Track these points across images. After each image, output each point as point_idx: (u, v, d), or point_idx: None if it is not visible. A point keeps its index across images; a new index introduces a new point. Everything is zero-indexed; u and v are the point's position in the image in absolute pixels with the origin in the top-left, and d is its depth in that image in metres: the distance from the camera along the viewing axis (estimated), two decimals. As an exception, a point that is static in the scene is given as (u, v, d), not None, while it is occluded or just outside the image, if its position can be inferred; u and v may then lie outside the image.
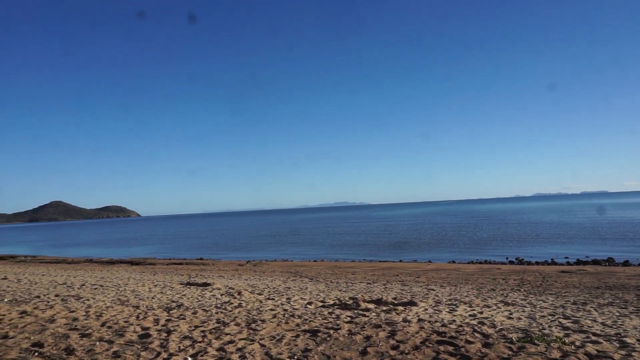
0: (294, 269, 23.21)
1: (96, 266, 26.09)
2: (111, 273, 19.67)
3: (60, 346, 5.35)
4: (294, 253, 36.83)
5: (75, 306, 8.48)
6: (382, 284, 15.43)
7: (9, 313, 7.59)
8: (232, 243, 52.13)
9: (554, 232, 44.80)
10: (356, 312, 7.89)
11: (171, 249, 46.65)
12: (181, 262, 28.76)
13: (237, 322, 6.76)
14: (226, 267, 25.16)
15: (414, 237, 47.26)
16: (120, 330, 6.25)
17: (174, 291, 11.66)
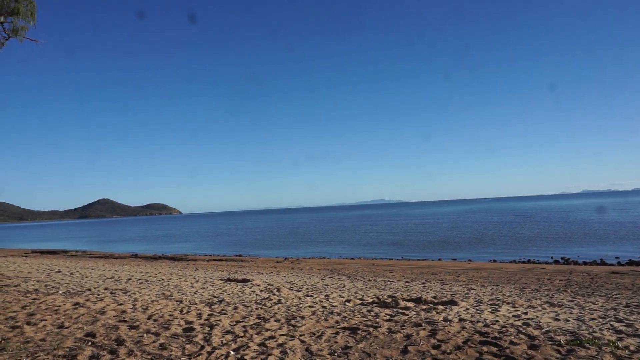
0: (331, 266, 23.28)
1: (141, 261, 27.11)
2: (155, 268, 20.38)
3: (111, 337, 5.60)
4: (331, 251, 36.92)
5: (123, 299, 8.84)
6: (421, 283, 15.23)
7: (63, 304, 8.01)
8: (270, 240, 52.83)
9: (603, 230, 42.77)
10: (395, 310, 7.83)
11: (211, 246, 47.79)
12: (221, 259, 29.42)
13: (277, 318, 6.85)
14: (264, 264, 25.54)
15: (453, 235, 46.33)
16: (166, 323, 6.47)
17: (214, 287, 11.95)
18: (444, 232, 50.61)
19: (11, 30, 13.41)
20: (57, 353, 4.89)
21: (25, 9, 13.25)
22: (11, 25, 13.34)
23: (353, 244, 42.63)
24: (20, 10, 13.18)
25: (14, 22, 13.32)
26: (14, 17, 13.26)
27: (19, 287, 10.95)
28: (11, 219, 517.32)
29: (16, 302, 8.27)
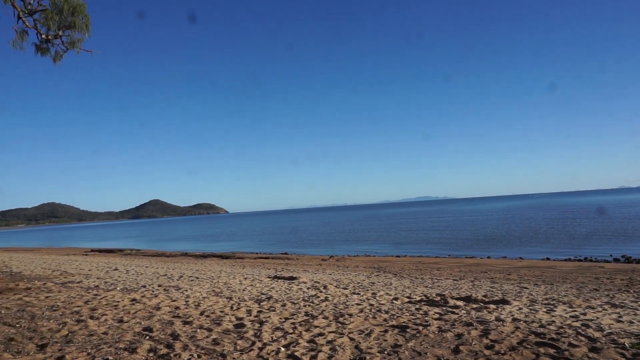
0: (376, 264, 23.14)
1: (191, 259, 28.05)
2: (204, 266, 21.02)
3: (167, 331, 5.84)
4: (376, 248, 36.68)
5: (176, 296, 9.19)
6: (470, 281, 14.84)
7: (122, 300, 8.44)
8: (315, 238, 53.16)
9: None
10: (444, 309, 7.67)
11: (257, 244, 48.71)
12: (267, 257, 29.92)
13: (325, 316, 6.90)
14: (310, 261, 25.74)
15: (503, 232, 44.81)
16: (217, 319, 6.66)
17: (262, 284, 12.18)
18: (493, 229, 49.04)
19: (69, 42, 14.22)
20: (118, 346, 5.15)
21: (81, 22, 13.99)
22: (69, 38, 14.15)
23: (398, 242, 42.15)
24: (76, 23, 13.95)
25: (71, 35, 14.11)
26: (71, 31, 14.05)
27: (81, 283, 11.62)
28: (72, 219, 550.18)
29: (79, 298, 8.79)
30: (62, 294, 9.41)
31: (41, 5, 13.53)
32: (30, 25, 13.70)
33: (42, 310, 7.34)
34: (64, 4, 13.64)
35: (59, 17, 13.72)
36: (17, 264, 19.45)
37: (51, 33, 13.93)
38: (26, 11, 13.47)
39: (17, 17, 13.45)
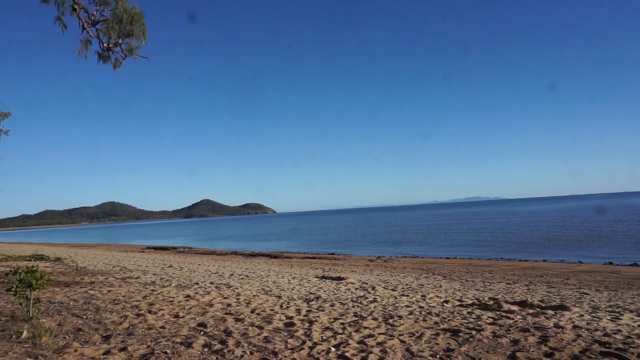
0: (425, 265, 22.72)
1: (240, 258, 28.74)
2: (253, 265, 21.47)
3: (220, 328, 6.02)
4: (424, 250, 36.01)
5: (228, 293, 9.44)
6: (524, 285, 14.26)
7: (177, 296, 8.78)
8: (362, 239, 52.94)
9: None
10: (498, 313, 7.41)
11: (304, 244, 49.14)
12: (314, 257, 30.12)
13: (374, 317, 6.85)
14: (357, 262, 25.66)
15: (560, 234, 42.66)
16: (268, 317, 6.79)
17: (310, 284, 12.28)
18: (549, 231, 46.80)
19: (127, 50, 14.99)
20: (175, 340, 5.37)
21: (138, 30, 14.70)
22: (127, 45, 14.91)
23: (447, 243, 41.16)
24: (134, 31, 14.66)
25: (129, 42, 14.86)
26: (129, 38, 14.80)
27: (139, 279, 12.20)
28: (129, 218, 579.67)
29: (138, 293, 9.23)
30: (122, 288, 9.93)
31: (103, 16, 14.34)
32: (94, 35, 14.54)
33: (105, 304, 7.77)
34: (123, 14, 14.38)
35: (118, 26, 14.49)
36: (81, 259, 20.72)
37: (112, 41, 14.73)
38: (90, 22, 14.31)
39: (82, 28, 14.33)
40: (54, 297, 8.42)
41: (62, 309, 7.22)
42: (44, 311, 6.84)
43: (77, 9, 14.10)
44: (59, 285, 10.22)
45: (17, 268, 6.01)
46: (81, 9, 14.15)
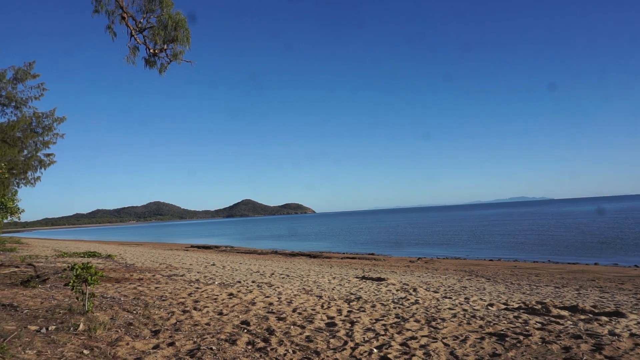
0: (468, 267, 22.17)
1: (280, 257, 29.08)
2: (293, 264, 21.67)
3: (263, 326, 6.12)
4: (467, 251, 35.14)
5: (269, 292, 9.59)
6: (574, 289, 13.64)
7: (220, 294, 9.00)
8: (402, 239, 52.31)
9: None
10: (547, 318, 7.13)
11: (344, 244, 49.10)
12: (354, 257, 30.04)
13: (417, 319, 6.76)
14: (397, 263, 25.38)
15: (614, 236, 40.49)
16: (309, 317, 6.84)
17: (351, 284, 12.26)
18: (601, 233, 44.53)
19: (172, 55, 15.51)
20: (220, 337, 5.51)
21: (182, 35, 15.18)
22: (172, 50, 15.43)
23: (491, 245, 39.97)
24: (178, 37, 15.15)
25: (174, 48, 15.37)
26: (174, 44, 15.30)
27: (184, 276, 12.59)
28: (174, 217, 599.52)
29: (184, 290, 9.53)
30: (168, 285, 10.28)
31: (149, 23, 14.90)
32: (141, 42, 15.13)
33: (153, 300, 8.08)
34: (168, 20, 14.88)
35: (164, 33, 15.02)
36: (130, 256, 21.61)
37: (157, 47, 15.29)
38: (137, 29, 14.91)
39: (130, 35, 14.95)
40: (106, 292, 8.83)
41: (114, 303, 7.56)
42: (98, 305, 7.19)
43: (126, 18, 14.72)
44: (110, 281, 10.71)
45: (74, 264, 6.36)
46: (129, 17, 14.77)
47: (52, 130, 27.77)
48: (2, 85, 24.49)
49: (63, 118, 28.35)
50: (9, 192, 24.45)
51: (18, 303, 6.81)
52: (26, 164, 27.66)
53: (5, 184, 24.74)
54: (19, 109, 25.49)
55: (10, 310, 6.28)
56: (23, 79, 25.26)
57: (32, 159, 27.98)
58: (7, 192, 23.66)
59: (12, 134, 24.71)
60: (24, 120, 25.63)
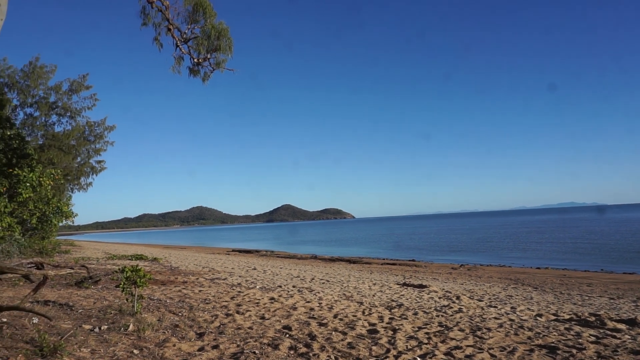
0: (513, 275, 21.39)
1: (320, 263, 29.12)
2: (333, 270, 21.65)
3: (304, 331, 6.14)
4: (512, 258, 33.93)
5: (310, 297, 9.62)
6: (632, 301, 12.86)
7: (262, 298, 9.11)
8: (444, 245, 51.18)
9: None
10: (602, 331, 6.76)
11: (383, 250, 48.60)
12: (394, 263, 29.66)
13: (461, 328, 6.59)
14: (439, 269, 24.85)
15: (673, 245, 37.92)
16: (351, 323, 6.80)
17: (392, 291, 12.11)
18: (660, 241, 41.81)
19: (215, 63, 15.95)
20: (262, 341, 5.57)
21: (225, 44, 15.60)
22: (215, 59, 15.88)
23: (538, 252, 38.41)
24: (221, 46, 15.58)
25: (217, 56, 15.80)
26: (217, 53, 15.74)
27: (226, 280, 12.85)
28: (216, 222, 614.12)
29: (226, 293, 9.72)
30: (211, 288, 10.52)
31: (193, 33, 15.41)
32: (185, 52, 15.66)
33: (197, 303, 8.28)
34: (211, 30, 15.33)
35: (207, 42, 15.49)
36: (174, 259, 22.29)
37: (201, 56, 15.77)
38: (182, 40, 15.45)
39: (175, 46, 15.50)
40: (153, 294, 9.14)
41: (161, 305, 7.81)
42: (146, 307, 7.45)
43: (172, 29, 15.28)
44: (156, 284, 11.08)
45: (124, 267, 6.62)
46: (175, 29, 15.32)
47: (103, 138, 29.15)
48: (59, 97, 25.98)
49: (113, 126, 29.67)
50: (64, 197, 25.82)
51: (73, 303, 7.16)
52: (79, 171, 29.14)
53: (61, 189, 26.14)
54: (73, 119, 26.94)
55: (66, 309, 6.61)
56: (77, 90, 26.71)
57: (84, 165, 29.47)
58: (63, 197, 25.00)
59: (67, 142, 26.15)
60: (78, 129, 27.07)
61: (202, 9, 15.22)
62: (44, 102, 25.47)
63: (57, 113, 26.30)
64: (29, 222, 20.21)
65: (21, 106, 25.37)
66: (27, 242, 17.59)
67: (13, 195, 19.22)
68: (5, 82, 24.57)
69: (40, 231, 20.97)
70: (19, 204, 19.41)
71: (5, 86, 24.40)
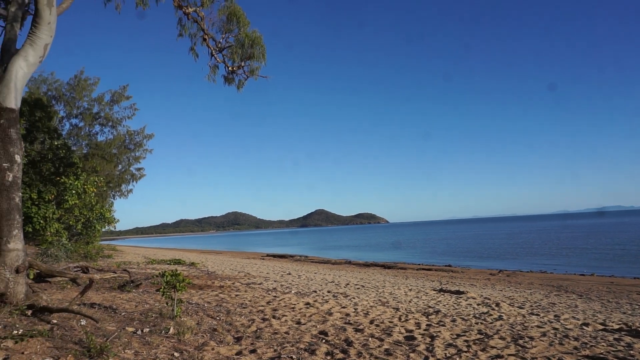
0: (555, 282, 20.59)
1: (354, 268, 28.97)
2: (368, 275, 21.49)
3: (341, 337, 6.12)
4: (553, 264, 32.68)
5: (345, 303, 9.58)
6: (687, 310, 12.12)
7: (297, 303, 9.15)
8: (482, 250, 49.91)
9: None
10: (654, 342, 6.41)
11: (419, 254, 47.87)
12: (430, 268, 29.16)
13: (502, 336, 6.39)
14: (476, 275, 24.24)
15: None
16: (387, 329, 6.73)
17: (428, 297, 11.90)
18: None
19: (249, 71, 16.24)
20: (299, 346, 5.59)
21: (258, 52, 15.86)
22: (249, 67, 16.16)
23: (582, 258, 36.85)
24: (255, 54, 15.85)
25: (251, 64, 16.08)
26: (251, 61, 16.02)
27: (261, 285, 12.98)
28: (250, 227, 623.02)
29: (262, 298, 9.82)
30: (248, 293, 10.65)
31: (228, 42, 15.75)
32: (220, 61, 16.03)
33: (234, 307, 8.41)
34: (245, 39, 15.63)
35: (241, 50, 15.79)
36: (211, 264, 22.72)
37: (235, 65, 16.10)
38: (217, 49, 15.82)
39: (210, 55, 15.89)
40: (191, 298, 9.34)
41: (199, 309, 7.98)
42: (185, 311, 7.62)
43: (207, 39, 15.67)
44: (194, 288, 11.32)
45: (164, 271, 6.81)
46: (210, 38, 15.71)
47: (142, 146, 30.18)
48: (102, 107, 27.11)
49: (151, 135, 30.63)
50: (107, 203, 26.84)
51: (116, 306, 7.42)
52: (120, 178, 30.24)
53: (104, 196, 27.20)
54: (114, 128, 28.04)
55: (110, 312, 6.85)
56: (118, 100, 27.80)
57: (125, 173, 30.56)
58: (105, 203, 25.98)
59: (109, 151, 27.23)
60: (119, 138, 28.15)
61: (235, 18, 15.54)
62: (87, 113, 26.64)
63: (100, 123, 27.45)
64: (74, 228, 21.12)
65: (67, 117, 26.63)
66: (73, 247, 18.35)
67: (60, 202, 20.15)
68: (53, 95, 25.86)
69: (84, 236, 21.88)
70: (65, 211, 20.33)
71: (53, 99, 25.69)
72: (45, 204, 19.34)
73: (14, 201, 6.01)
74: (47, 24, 6.51)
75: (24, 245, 6.10)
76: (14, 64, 6.29)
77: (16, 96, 6.20)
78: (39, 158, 20.96)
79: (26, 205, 18.54)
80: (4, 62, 10.45)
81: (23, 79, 6.40)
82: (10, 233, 5.90)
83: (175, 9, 14.76)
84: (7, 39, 10.68)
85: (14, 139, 6.10)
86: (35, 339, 4.59)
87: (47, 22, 6.52)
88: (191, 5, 15.03)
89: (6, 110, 6.11)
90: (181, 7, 14.74)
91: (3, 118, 6.07)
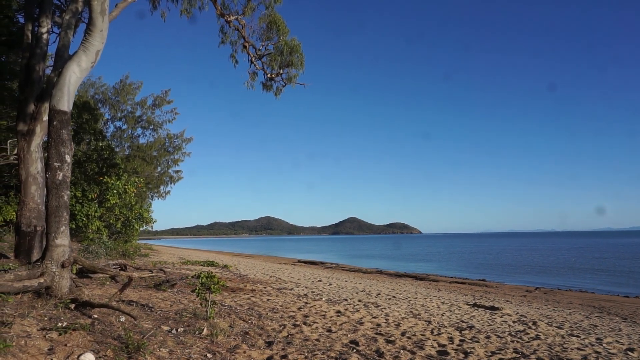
0: (597, 303, 19.66)
1: (385, 277, 28.64)
2: (399, 285, 21.19)
3: (372, 347, 6.07)
4: (595, 283, 31.23)
5: (376, 313, 9.49)
6: None
7: (328, 311, 9.14)
8: (518, 265, 48.31)
9: None
10: None
11: (452, 267, 46.82)
12: (463, 282, 28.47)
13: (539, 356, 6.17)
14: (512, 291, 23.47)
15: None
16: (419, 342, 6.62)
17: (461, 311, 11.62)
18: None
19: (287, 78, 16.46)
20: (330, 354, 5.58)
21: (297, 60, 16.06)
22: (287, 74, 16.38)
23: (628, 278, 35.05)
24: (293, 62, 16.05)
25: (289, 71, 16.30)
26: (289, 68, 16.23)
27: (292, 290, 13.03)
28: (282, 232, 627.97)
29: (293, 304, 9.86)
30: (279, 298, 10.72)
31: (267, 50, 16.02)
32: (259, 68, 16.31)
33: (265, 311, 8.48)
34: (284, 46, 15.85)
35: (280, 58, 16.03)
36: (243, 267, 23.01)
37: (274, 72, 16.35)
38: (256, 56, 16.12)
39: (250, 62, 16.20)
40: (224, 300, 9.49)
41: (231, 312, 8.10)
42: (218, 312, 7.76)
43: (247, 46, 16.00)
44: (227, 290, 11.50)
45: (200, 273, 6.97)
46: (250, 46, 16.03)
47: (181, 149, 31.03)
48: (144, 111, 28.11)
49: (190, 138, 31.47)
50: (145, 204, 27.71)
51: (152, 304, 7.63)
52: (159, 180, 31.17)
53: (143, 196, 28.10)
54: (155, 131, 28.98)
55: (146, 310, 7.06)
56: (160, 104, 28.74)
57: (164, 175, 31.47)
58: (144, 204, 26.85)
59: (149, 153, 28.16)
60: (160, 140, 29.06)
61: (275, 26, 15.81)
62: (131, 116, 27.67)
63: (142, 126, 28.44)
64: (114, 226, 21.92)
65: (112, 120, 27.74)
66: (113, 245, 19.02)
67: (102, 201, 20.97)
68: (100, 99, 27.04)
69: (123, 235, 22.66)
70: (106, 209, 21.14)
71: (100, 102, 26.86)
72: (88, 203, 20.18)
73: (62, 199, 6.31)
74: (99, 32, 6.84)
75: (69, 242, 6.39)
76: (68, 69, 6.63)
77: (68, 99, 6.53)
78: (84, 158, 21.92)
79: (70, 203, 19.42)
80: (58, 67, 11.02)
81: (75, 84, 6.73)
82: (58, 229, 6.20)
83: (218, 17, 15.17)
84: (61, 45, 11.27)
85: (65, 139, 6.42)
86: (78, 332, 4.78)
87: (100, 30, 6.84)
88: (233, 13, 15.41)
89: (59, 113, 6.44)
90: (223, 15, 15.13)
91: (56, 120, 6.40)
